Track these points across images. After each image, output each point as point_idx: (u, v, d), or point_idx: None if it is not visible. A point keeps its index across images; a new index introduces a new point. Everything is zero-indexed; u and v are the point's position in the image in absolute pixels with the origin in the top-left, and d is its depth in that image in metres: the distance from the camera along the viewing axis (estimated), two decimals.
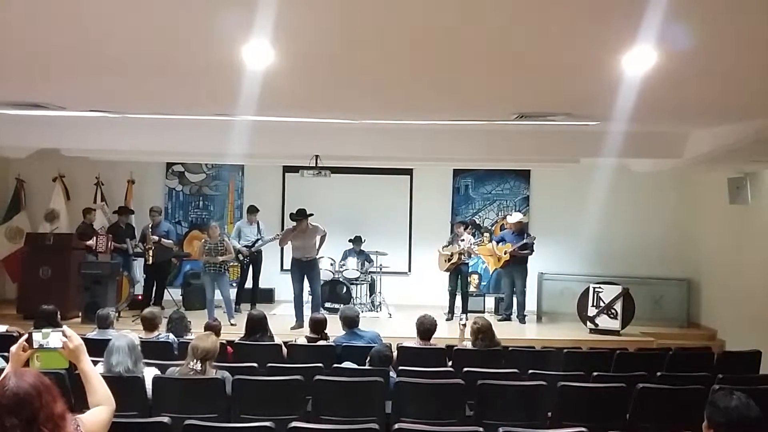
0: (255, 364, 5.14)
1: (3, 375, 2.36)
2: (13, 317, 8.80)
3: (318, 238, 9.41)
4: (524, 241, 9.87)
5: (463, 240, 9.94)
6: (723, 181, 8.99)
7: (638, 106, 5.05)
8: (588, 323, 9.26)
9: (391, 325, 9.50)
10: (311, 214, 9.37)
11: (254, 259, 10.28)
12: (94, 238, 9.83)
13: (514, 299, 10.06)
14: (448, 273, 10.08)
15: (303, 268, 9.34)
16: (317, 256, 9.60)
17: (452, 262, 9.93)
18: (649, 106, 5.15)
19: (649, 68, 3.94)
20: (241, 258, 10.14)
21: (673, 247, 10.62)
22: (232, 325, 8.77)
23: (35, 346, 2.64)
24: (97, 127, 7.83)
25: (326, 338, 6.38)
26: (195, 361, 4.47)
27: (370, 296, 10.75)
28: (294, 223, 9.35)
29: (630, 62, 3.86)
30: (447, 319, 9.67)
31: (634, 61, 3.84)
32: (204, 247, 9.19)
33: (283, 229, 10.68)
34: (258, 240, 10.19)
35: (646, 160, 8.94)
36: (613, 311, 9.15)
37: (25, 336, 2.67)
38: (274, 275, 11.13)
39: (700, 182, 10.32)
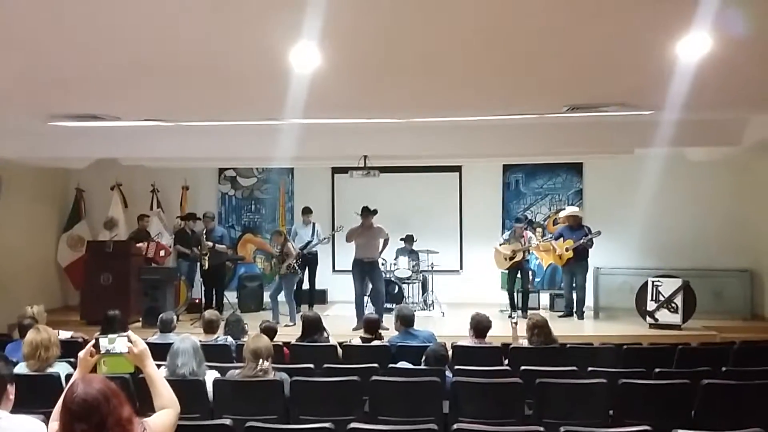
0: (311, 365, 5.18)
1: (71, 382, 2.43)
2: (77, 323, 9.07)
3: (381, 240, 9.42)
4: (589, 236, 9.63)
5: (522, 237, 9.83)
6: None
7: (693, 93, 4.93)
8: (647, 318, 9.04)
9: (444, 323, 9.44)
10: (375, 211, 9.36)
11: (308, 260, 10.21)
12: (146, 243, 10.06)
13: (574, 295, 9.89)
14: (507, 271, 9.98)
15: (365, 268, 9.33)
16: (378, 258, 9.57)
17: (514, 260, 9.83)
18: (704, 93, 5.02)
19: (705, 54, 3.86)
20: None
21: (732, 237, 10.26)
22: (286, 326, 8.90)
23: (102, 351, 2.69)
24: (151, 136, 8.05)
25: (380, 338, 6.40)
26: (261, 361, 4.52)
27: (422, 295, 10.73)
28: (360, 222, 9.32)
29: (684, 49, 3.78)
30: (509, 316, 9.52)
31: (689, 48, 3.77)
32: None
33: (333, 229, 10.74)
34: (308, 242, 10.08)
35: (703, 148, 8.69)
36: (673, 305, 8.91)
37: (93, 341, 2.74)
38: (327, 276, 11.20)
39: (759, 169, 9.95)
